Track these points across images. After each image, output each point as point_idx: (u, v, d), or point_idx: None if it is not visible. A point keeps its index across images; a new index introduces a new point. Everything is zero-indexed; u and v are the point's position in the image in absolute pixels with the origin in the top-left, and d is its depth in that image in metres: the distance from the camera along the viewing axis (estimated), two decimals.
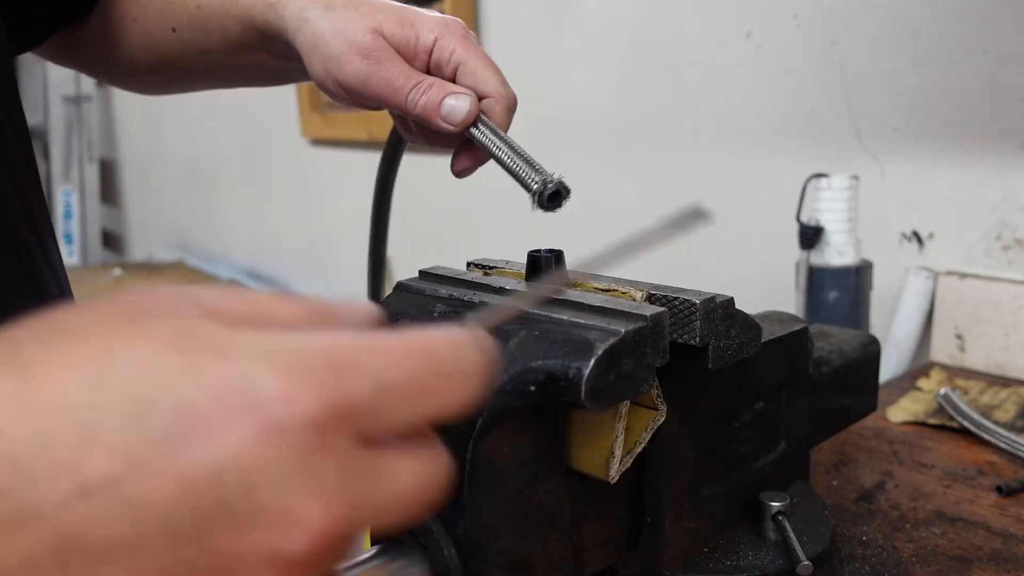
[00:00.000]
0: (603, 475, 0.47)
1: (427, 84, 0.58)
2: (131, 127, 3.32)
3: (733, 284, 1.40)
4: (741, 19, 1.34)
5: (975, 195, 1.11)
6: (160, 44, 0.74)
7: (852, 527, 0.69)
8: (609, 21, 1.53)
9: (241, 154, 2.80)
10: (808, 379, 0.64)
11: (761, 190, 1.35)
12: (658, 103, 1.48)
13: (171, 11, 0.72)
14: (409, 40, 0.60)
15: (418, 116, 0.59)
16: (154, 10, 0.73)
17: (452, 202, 1.95)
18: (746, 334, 0.50)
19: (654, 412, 0.49)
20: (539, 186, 0.55)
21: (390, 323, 0.49)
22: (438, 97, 0.58)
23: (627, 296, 0.49)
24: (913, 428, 0.90)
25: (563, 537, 0.48)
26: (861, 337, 0.78)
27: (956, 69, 1.11)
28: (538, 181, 0.55)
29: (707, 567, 0.54)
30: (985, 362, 1.09)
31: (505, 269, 0.56)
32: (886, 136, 1.19)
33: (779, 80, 1.31)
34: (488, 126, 0.59)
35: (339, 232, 2.39)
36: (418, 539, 0.43)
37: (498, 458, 0.44)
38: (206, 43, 0.71)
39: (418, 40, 0.60)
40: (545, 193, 0.55)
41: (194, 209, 3.18)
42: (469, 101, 0.58)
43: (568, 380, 0.41)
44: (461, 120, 0.58)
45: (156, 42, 0.75)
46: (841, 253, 1.03)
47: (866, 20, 1.19)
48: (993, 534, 0.68)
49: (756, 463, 0.60)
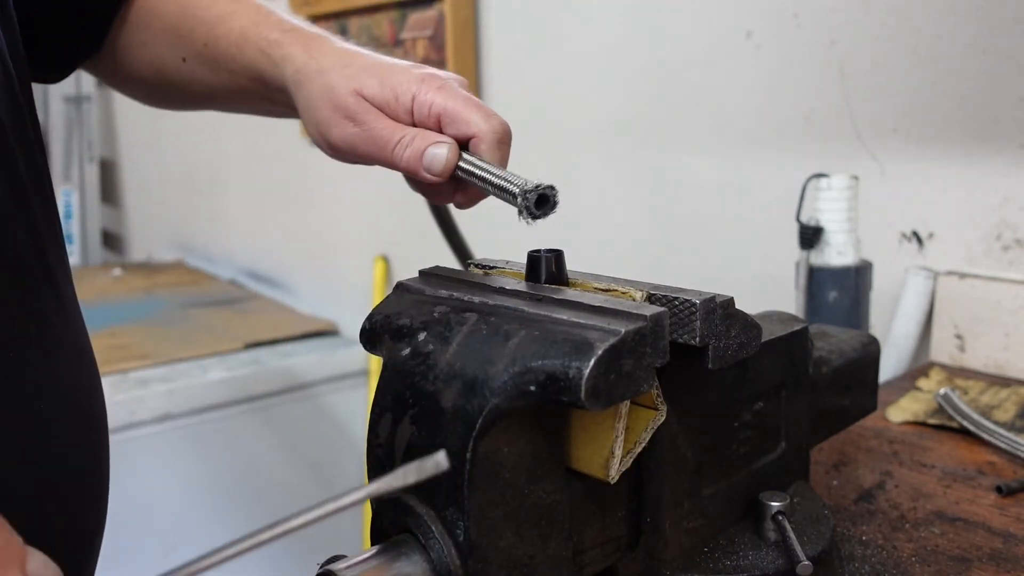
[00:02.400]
0: (603, 475, 0.47)
1: (410, 137, 0.59)
2: (131, 127, 3.32)
3: (733, 284, 1.41)
4: (741, 19, 1.34)
5: (975, 195, 1.11)
6: (170, 70, 0.75)
7: (852, 527, 0.69)
8: (609, 21, 1.53)
9: (241, 154, 2.80)
10: (808, 379, 0.64)
11: (761, 190, 1.35)
12: (658, 103, 1.48)
13: (181, 43, 0.73)
14: (389, 100, 0.61)
15: (405, 170, 0.60)
16: (166, 38, 0.74)
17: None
18: (746, 334, 0.50)
19: (654, 412, 0.49)
20: (520, 195, 0.55)
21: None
22: (420, 148, 0.59)
23: (627, 296, 0.49)
24: (913, 428, 0.90)
25: (563, 537, 0.48)
26: (861, 337, 0.78)
27: (956, 69, 1.11)
28: (518, 191, 0.55)
29: (707, 567, 0.54)
30: (985, 362, 1.09)
31: (505, 269, 0.56)
32: (886, 136, 1.19)
33: (779, 80, 1.31)
34: (472, 163, 0.59)
35: (339, 232, 2.39)
36: (418, 539, 0.43)
37: (498, 458, 0.44)
38: (213, 79, 0.73)
39: (397, 99, 0.61)
40: (528, 198, 0.54)
41: (194, 209, 3.18)
42: (447, 148, 0.58)
43: (568, 380, 0.41)
44: (442, 168, 0.58)
45: (166, 67, 0.76)
46: (841, 253, 1.03)
47: (866, 20, 1.19)
48: (993, 534, 0.68)
49: (756, 463, 0.60)
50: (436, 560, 0.43)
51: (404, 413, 0.46)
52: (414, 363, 0.46)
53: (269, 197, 2.69)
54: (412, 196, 0.67)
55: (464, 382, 0.44)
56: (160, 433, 1.86)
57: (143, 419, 1.82)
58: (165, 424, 1.87)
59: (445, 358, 0.45)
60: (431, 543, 0.43)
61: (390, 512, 0.45)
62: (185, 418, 1.89)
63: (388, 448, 0.46)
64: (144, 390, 1.84)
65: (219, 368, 1.98)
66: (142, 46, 0.76)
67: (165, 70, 0.76)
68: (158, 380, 1.90)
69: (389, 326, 0.50)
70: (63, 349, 0.62)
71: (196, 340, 2.13)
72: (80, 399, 0.64)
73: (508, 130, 0.60)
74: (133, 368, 1.92)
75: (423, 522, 0.43)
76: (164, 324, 2.31)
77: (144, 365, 1.96)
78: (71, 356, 0.63)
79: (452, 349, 0.46)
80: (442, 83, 0.61)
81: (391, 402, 0.47)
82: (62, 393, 0.61)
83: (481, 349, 0.45)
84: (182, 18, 0.73)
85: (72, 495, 0.63)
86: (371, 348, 0.51)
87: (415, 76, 0.61)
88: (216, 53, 0.70)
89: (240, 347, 2.10)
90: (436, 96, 0.60)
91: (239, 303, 2.54)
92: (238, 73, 0.70)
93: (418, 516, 0.44)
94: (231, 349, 2.09)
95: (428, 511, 0.43)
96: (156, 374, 1.93)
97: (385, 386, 0.47)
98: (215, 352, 2.06)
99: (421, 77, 0.61)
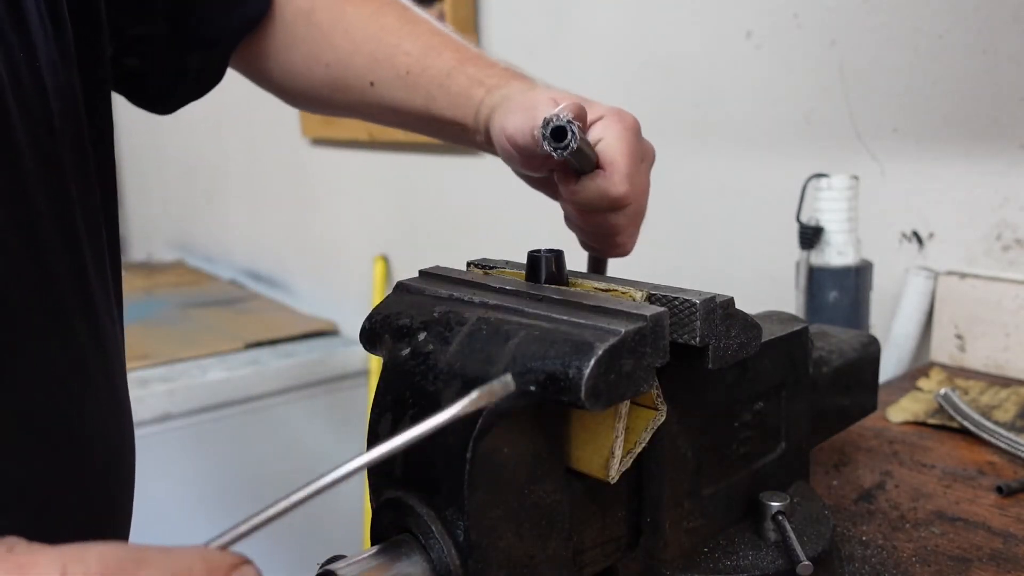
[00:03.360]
0: (603, 475, 0.47)
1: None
2: (131, 127, 3.31)
3: (733, 284, 1.41)
4: (741, 19, 1.34)
5: (975, 195, 1.11)
6: (353, 91, 0.75)
7: (852, 527, 0.69)
8: (609, 21, 1.53)
9: (241, 154, 2.80)
10: (808, 379, 0.64)
11: (761, 190, 1.35)
12: (658, 103, 1.48)
13: (376, 68, 0.73)
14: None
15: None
16: (353, 62, 0.74)
17: (452, 202, 1.95)
18: (746, 334, 0.50)
19: (654, 412, 0.49)
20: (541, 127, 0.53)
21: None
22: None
23: (627, 296, 0.49)
24: (913, 428, 0.90)
25: (563, 537, 0.48)
26: (861, 337, 0.78)
27: (956, 69, 1.11)
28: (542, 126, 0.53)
29: (707, 567, 0.54)
30: (985, 362, 1.09)
31: (505, 269, 0.56)
32: (886, 136, 1.19)
33: (779, 80, 1.31)
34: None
35: (339, 232, 2.39)
36: (418, 539, 0.43)
37: (498, 458, 0.44)
38: (402, 101, 0.73)
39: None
40: (547, 131, 0.53)
41: (194, 209, 3.18)
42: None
43: (568, 380, 0.41)
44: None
45: (347, 87, 0.75)
46: (841, 253, 1.03)
47: (866, 20, 1.19)
48: (993, 534, 0.68)
49: (756, 463, 0.60)
50: (436, 560, 0.43)
51: (404, 413, 0.46)
52: (414, 363, 0.46)
53: (269, 197, 2.69)
54: (412, 196, 0.68)
55: (464, 382, 0.44)
56: (160, 433, 1.86)
57: (143, 419, 1.82)
58: (165, 424, 1.87)
59: (445, 358, 0.45)
60: (431, 543, 0.43)
61: (390, 512, 0.45)
62: (185, 418, 1.89)
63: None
64: (144, 390, 1.85)
65: (219, 368, 1.98)
66: (325, 66, 0.76)
67: (347, 90, 0.75)
68: (158, 380, 1.90)
69: (389, 326, 0.50)
70: (98, 394, 0.63)
71: (196, 340, 2.13)
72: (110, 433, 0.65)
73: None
74: (133, 368, 1.92)
75: (423, 522, 0.43)
76: (164, 324, 2.31)
77: (144, 365, 1.96)
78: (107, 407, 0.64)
79: (452, 349, 0.46)
80: (625, 126, 0.60)
81: (391, 402, 0.47)
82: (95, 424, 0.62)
83: (481, 349, 0.45)
84: (376, 44, 0.73)
85: (101, 517, 0.64)
86: (371, 348, 0.51)
87: (604, 108, 0.61)
88: (418, 79, 0.71)
89: (240, 347, 2.10)
90: (607, 132, 0.60)
91: (239, 303, 2.54)
92: (437, 99, 0.70)
93: (418, 516, 0.44)
94: (231, 349, 2.09)
95: (428, 511, 0.43)
96: (156, 374, 1.93)
97: (385, 386, 0.47)
98: (215, 352, 2.06)
99: (616, 113, 0.61)
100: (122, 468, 0.67)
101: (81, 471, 0.61)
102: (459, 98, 0.69)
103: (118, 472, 0.66)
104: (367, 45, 0.73)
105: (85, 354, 0.61)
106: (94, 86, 0.63)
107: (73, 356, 0.60)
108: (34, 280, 0.57)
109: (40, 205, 0.57)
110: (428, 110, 0.71)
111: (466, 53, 0.71)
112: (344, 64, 0.75)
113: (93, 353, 0.62)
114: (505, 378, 0.40)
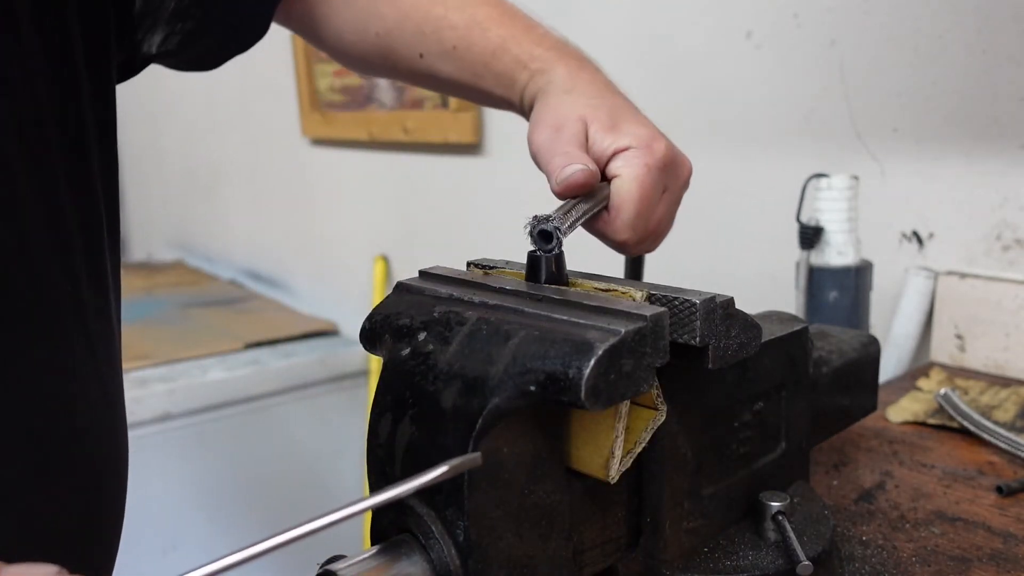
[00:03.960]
0: (603, 475, 0.47)
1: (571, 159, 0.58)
2: (131, 127, 3.32)
3: (733, 284, 1.41)
4: (741, 19, 1.34)
5: (975, 195, 1.11)
6: (403, 60, 0.75)
7: (852, 527, 0.69)
8: (609, 21, 1.53)
9: (241, 154, 2.80)
10: (808, 379, 0.64)
11: (761, 190, 1.35)
12: (658, 103, 1.48)
13: (423, 40, 0.73)
14: (596, 144, 0.61)
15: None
16: (402, 33, 0.74)
17: (452, 202, 1.95)
18: (746, 334, 0.50)
19: (654, 412, 0.49)
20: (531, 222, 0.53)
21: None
22: (562, 164, 0.58)
23: (627, 296, 0.49)
24: (913, 428, 0.90)
25: (563, 537, 0.48)
26: (861, 337, 0.78)
27: (956, 69, 1.11)
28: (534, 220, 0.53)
29: (707, 567, 0.54)
30: (985, 362, 1.09)
31: (505, 269, 0.56)
32: (886, 136, 1.19)
33: (779, 80, 1.31)
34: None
35: (339, 232, 2.39)
36: (418, 539, 0.43)
37: (498, 458, 0.44)
38: (450, 74, 0.73)
39: (604, 150, 0.61)
40: (534, 231, 0.53)
41: (194, 209, 3.18)
42: (582, 171, 0.57)
43: (568, 380, 0.41)
44: (565, 179, 0.57)
45: (397, 57, 0.75)
46: (841, 253, 1.03)
47: (866, 20, 1.19)
48: (993, 534, 0.68)
49: (756, 463, 0.60)
50: (436, 560, 0.43)
51: (404, 413, 0.46)
52: (414, 363, 0.46)
53: (269, 197, 2.69)
54: (412, 196, 0.68)
55: (464, 382, 0.44)
56: (160, 433, 1.87)
57: (143, 419, 1.82)
58: (165, 424, 1.87)
59: (445, 358, 0.45)
60: (431, 543, 0.43)
61: (390, 512, 0.45)
62: (185, 418, 1.89)
63: (388, 448, 0.46)
64: (144, 390, 1.85)
65: (219, 368, 1.98)
66: (376, 36, 0.75)
67: (395, 59, 0.75)
68: (158, 380, 1.90)
69: (389, 326, 0.50)
70: (93, 408, 0.63)
71: (196, 340, 2.13)
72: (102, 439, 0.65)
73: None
74: (133, 368, 1.92)
75: (423, 522, 0.43)
76: (164, 324, 2.32)
77: (144, 365, 1.96)
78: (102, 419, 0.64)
79: (452, 349, 0.46)
80: (648, 163, 0.60)
81: (391, 402, 0.46)
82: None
83: (481, 349, 0.45)
84: (423, 15, 0.73)
85: (91, 518, 0.64)
86: (371, 348, 0.51)
87: (633, 136, 0.61)
88: (465, 54, 0.71)
89: (240, 347, 2.10)
90: (625, 169, 0.59)
91: (239, 303, 2.54)
92: (483, 76, 0.70)
93: (418, 516, 0.44)
94: (231, 349, 2.09)
95: (428, 511, 0.43)
96: (156, 374, 1.93)
97: (385, 386, 0.47)
98: (215, 352, 2.06)
99: (644, 144, 0.61)
100: (114, 470, 0.66)
101: (70, 473, 0.61)
102: (503, 78, 0.69)
103: (109, 474, 0.65)
104: (414, 14, 0.73)
105: (75, 358, 0.61)
106: (99, 83, 0.63)
107: (63, 360, 0.60)
108: (23, 284, 0.56)
109: (30, 209, 0.56)
110: (477, 85, 0.72)
111: (512, 27, 0.70)
112: (392, 35, 0.74)
113: (84, 356, 0.61)
114: (474, 455, 0.41)
